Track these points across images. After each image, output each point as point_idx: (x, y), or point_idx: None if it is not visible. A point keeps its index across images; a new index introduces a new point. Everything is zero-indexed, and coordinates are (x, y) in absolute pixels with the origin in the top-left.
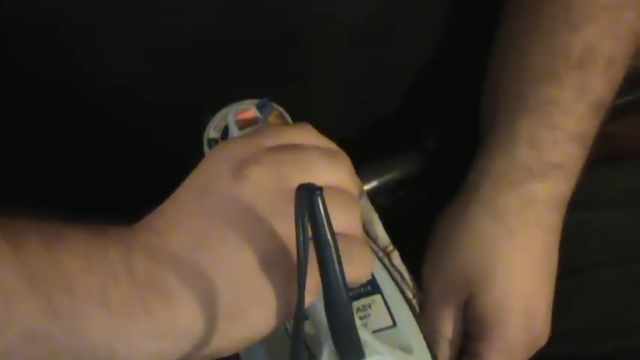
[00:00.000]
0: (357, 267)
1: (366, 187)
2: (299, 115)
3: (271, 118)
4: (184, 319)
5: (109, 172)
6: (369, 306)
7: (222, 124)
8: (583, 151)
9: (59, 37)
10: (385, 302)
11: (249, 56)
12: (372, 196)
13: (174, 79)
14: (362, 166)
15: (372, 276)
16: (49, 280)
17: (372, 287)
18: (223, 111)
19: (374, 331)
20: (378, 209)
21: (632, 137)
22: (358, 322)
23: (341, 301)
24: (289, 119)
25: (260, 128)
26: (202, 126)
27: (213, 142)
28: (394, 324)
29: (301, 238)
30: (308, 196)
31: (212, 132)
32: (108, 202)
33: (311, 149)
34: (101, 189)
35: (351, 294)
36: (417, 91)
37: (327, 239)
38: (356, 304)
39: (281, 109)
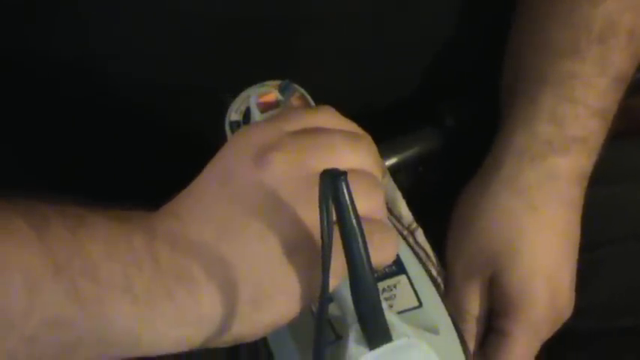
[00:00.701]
0: (381, 250)
1: (386, 164)
2: (317, 94)
3: (293, 100)
4: (208, 306)
5: (121, 155)
6: (395, 286)
7: (243, 106)
8: (604, 125)
9: (73, 15)
10: (411, 282)
11: (264, 36)
12: (392, 172)
13: (185, 60)
14: (381, 143)
15: (397, 256)
16: (74, 266)
17: (397, 268)
18: (244, 93)
19: (400, 312)
20: (399, 186)
21: None
22: (384, 304)
23: (367, 284)
24: (311, 101)
25: (281, 113)
26: (223, 107)
27: (234, 125)
28: (420, 304)
29: (325, 223)
30: (332, 181)
31: (234, 114)
32: (118, 186)
33: (333, 133)
34: (112, 173)
35: (376, 275)
36: (436, 67)
37: (352, 224)
38: (381, 284)
39: (303, 91)
